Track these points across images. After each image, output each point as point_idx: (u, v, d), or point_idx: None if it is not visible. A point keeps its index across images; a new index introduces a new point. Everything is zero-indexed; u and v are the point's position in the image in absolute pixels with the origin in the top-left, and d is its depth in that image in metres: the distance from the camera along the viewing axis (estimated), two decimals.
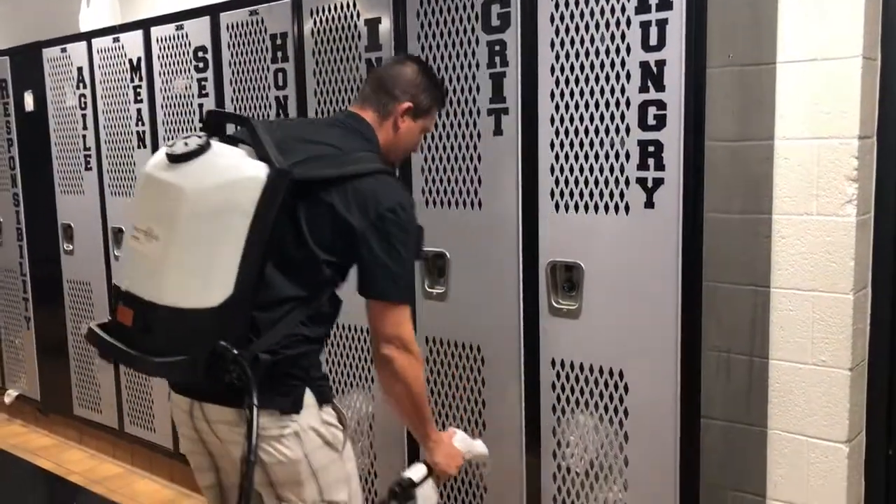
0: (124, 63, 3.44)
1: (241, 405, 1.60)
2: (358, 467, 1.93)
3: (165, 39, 3.23)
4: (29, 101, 4.03)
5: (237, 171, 1.60)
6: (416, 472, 1.90)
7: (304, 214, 1.68)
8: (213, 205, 1.58)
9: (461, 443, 2.03)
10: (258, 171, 1.58)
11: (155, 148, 3.34)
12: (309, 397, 1.74)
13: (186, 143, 1.61)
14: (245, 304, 1.61)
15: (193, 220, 1.58)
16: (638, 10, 1.95)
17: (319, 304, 1.74)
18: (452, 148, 2.35)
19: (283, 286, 1.68)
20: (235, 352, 1.57)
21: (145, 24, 3.31)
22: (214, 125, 1.74)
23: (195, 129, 1.77)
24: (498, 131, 2.24)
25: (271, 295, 1.66)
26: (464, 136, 2.32)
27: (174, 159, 1.60)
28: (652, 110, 1.95)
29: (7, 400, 4.51)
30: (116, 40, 3.47)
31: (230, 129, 1.87)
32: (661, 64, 1.93)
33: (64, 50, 3.77)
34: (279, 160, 1.61)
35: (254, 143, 1.64)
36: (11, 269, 4.36)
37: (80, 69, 3.69)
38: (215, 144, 1.64)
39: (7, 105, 4.20)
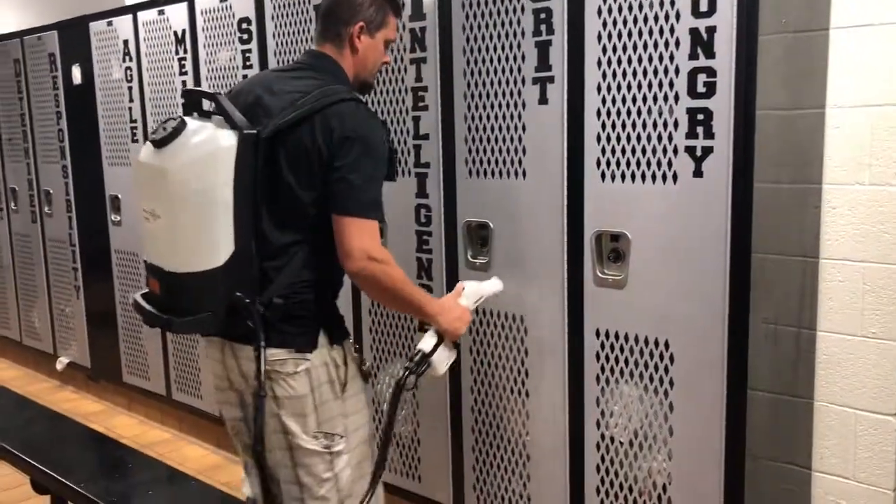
0: (169, 36, 3.48)
1: (255, 344, 1.83)
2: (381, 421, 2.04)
3: (210, 11, 3.25)
4: (76, 75, 4.10)
5: (210, 143, 1.78)
6: (427, 342, 2.05)
7: (284, 163, 1.84)
8: (195, 178, 1.77)
9: (469, 297, 2.16)
10: (228, 140, 1.77)
11: None
12: (322, 337, 1.92)
13: (164, 129, 1.80)
14: (248, 256, 1.82)
15: (183, 196, 1.78)
16: None
17: (317, 247, 1.88)
18: (496, 117, 2.35)
19: (279, 235, 1.86)
20: (247, 301, 1.81)
21: None
22: (193, 102, 1.91)
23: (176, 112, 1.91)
24: (543, 100, 2.23)
25: (271, 245, 1.86)
26: (508, 106, 2.31)
27: (157, 144, 1.79)
28: (702, 78, 1.93)
29: (59, 367, 4.65)
30: (161, 13, 3.50)
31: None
32: (711, 30, 1.90)
33: (110, 23, 3.83)
34: (245, 125, 1.79)
35: (222, 115, 1.81)
36: (61, 239, 4.47)
37: (125, 42, 3.74)
38: (190, 123, 1.81)
39: (55, 79, 4.27)
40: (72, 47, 4.13)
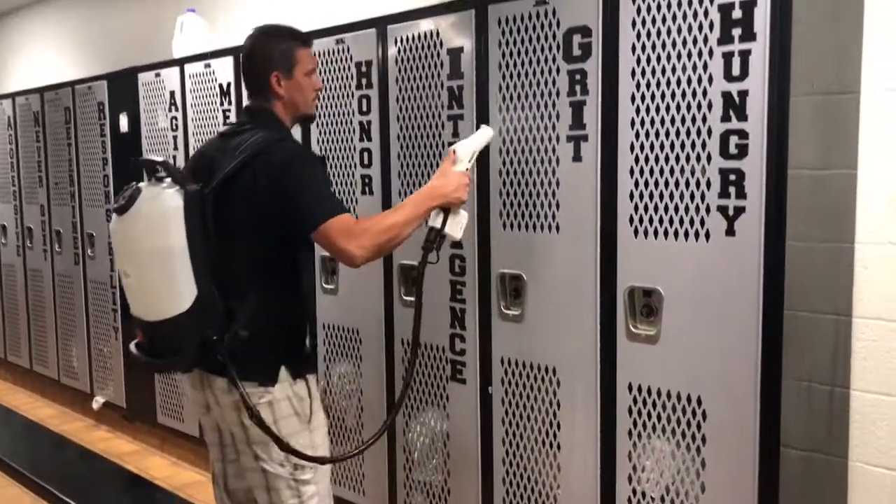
0: (214, 87, 3.61)
1: (229, 376, 2.03)
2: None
3: None
4: (124, 123, 4.25)
5: (160, 205, 1.99)
6: (436, 219, 2.19)
7: (235, 208, 2.05)
8: (151, 238, 1.99)
9: (463, 158, 2.24)
10: (175, 200, 1.98)
11: None
12: (283, 372, 2.09)
13: (123, 197, 2.01)
14: (212, 297, 2.00)
15: (143, 254, 2.01)
16: (721, 41, 1.97)
17: (274, 285, 2.09)
18: (531, 173, 2.40)
19: (239, 275, 2.06)
20: (215, 337, 1.99)
21: (235, 51, 3.46)
22: (147, 169, 2.09)
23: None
24: (577, 157, 2.28)
25: (234, 284, 2.05)
26: (542, 162, 2.37)
27: (118, 212, 2.02)
28: (734, 139, 1.97)
29: (95, 406, 4.72)
30: (208, 66, 3.64)
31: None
32: (743, 94, 1.95)
33: (158, 75, 3.98)
34: (189, 183, 2.00)
35: (171, 177, 2.02)
36: (102, 281, 4.59)
37: (172, 93, 3.88)
38: (144, 189, 2.02)
39: (103, 126, 4.43)
40: (120, 97, 4.28)
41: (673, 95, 2.06)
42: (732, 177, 1.98)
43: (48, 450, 3.18)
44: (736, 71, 1.95)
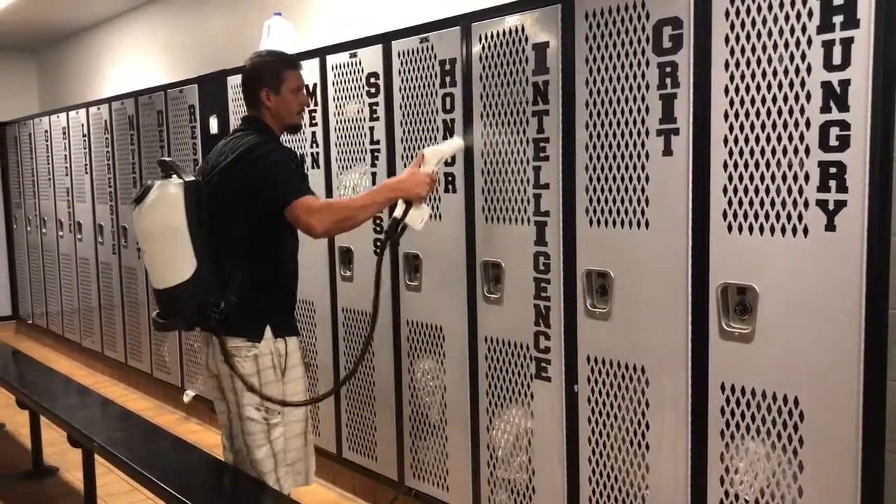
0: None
1: (222, 336, 2.56)
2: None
3: (340, 66, 3.43)
4: (213, 125, 4.38)
5: (163, 193, 2.50)
6: (398, 210, 2.60)
7: (227, 198, 2.56)
8: (157, 220, 2.51)
9: (430, 161, 2.66)
10: (174, 189, 2.48)
11: (328, 169, 3.56)
12: (268, 331, 2.60)
13: (138, 192, 2.54)
14: (208, 269, 2.49)
15: (153, 234, 2.53)
16: (820, 30, 1.90)
17: (256, 261, 2.57)
18: (619, 168, 2.37)
19: (230, 251, 2.56)
20: (210, 302, 2.48)
21: (321, 53, 3.54)
22: (166, 167, 2.58)
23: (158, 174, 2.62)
24: (667, 152, 2.24)
25: (225, 258, 2.55)
26: (631, 157, 2.34)
27: (135, 202, 2.55)
28: (834, 131, 1.90)
29: (185, 399, 4.89)
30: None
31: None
32: (845, 84, 1.88)
33: None
34: (187, 177, 2.51)
35: (174, 172, 2.54)
36: None
37: None
38: (155, 183, 2.53)
39: (194, 128, 4.58)
40: (210, 99, 4.42)
41: (769, 87, 2.00)
42: (833, 170, 1.91)
43: (143, 439, 3.30)
44: (837, 60, 1.88)
